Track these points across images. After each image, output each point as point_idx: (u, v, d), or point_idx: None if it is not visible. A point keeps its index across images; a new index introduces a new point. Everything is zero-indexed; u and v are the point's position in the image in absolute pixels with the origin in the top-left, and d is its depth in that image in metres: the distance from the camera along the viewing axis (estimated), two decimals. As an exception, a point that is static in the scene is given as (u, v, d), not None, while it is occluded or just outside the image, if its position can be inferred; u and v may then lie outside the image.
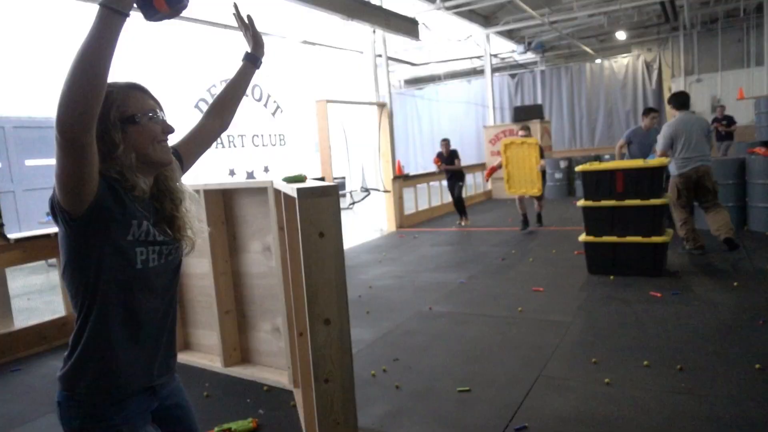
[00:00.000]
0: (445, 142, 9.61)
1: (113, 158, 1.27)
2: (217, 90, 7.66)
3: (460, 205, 9.55)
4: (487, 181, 8.33)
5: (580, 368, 3.30)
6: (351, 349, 1.69)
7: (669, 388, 2.94)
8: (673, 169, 5.70)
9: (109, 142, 1.26)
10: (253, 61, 1.70)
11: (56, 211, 1.21)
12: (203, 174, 6.98)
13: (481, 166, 13.16)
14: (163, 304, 1.40)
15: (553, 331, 3.93)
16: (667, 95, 15.14)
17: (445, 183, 12.05)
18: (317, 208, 1.60)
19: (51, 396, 1.45)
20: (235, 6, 1.70)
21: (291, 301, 2.82)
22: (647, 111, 6.96)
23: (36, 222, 8.59)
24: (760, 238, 6.33)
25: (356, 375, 2.66)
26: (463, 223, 9.52)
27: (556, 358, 3.47)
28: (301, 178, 2.09)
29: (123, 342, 1.32)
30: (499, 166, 8.39)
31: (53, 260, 6.75)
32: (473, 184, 12.96)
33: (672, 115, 5.78)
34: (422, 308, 4.79)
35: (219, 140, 7.47)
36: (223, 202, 3.70)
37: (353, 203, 12.35)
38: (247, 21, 1.68)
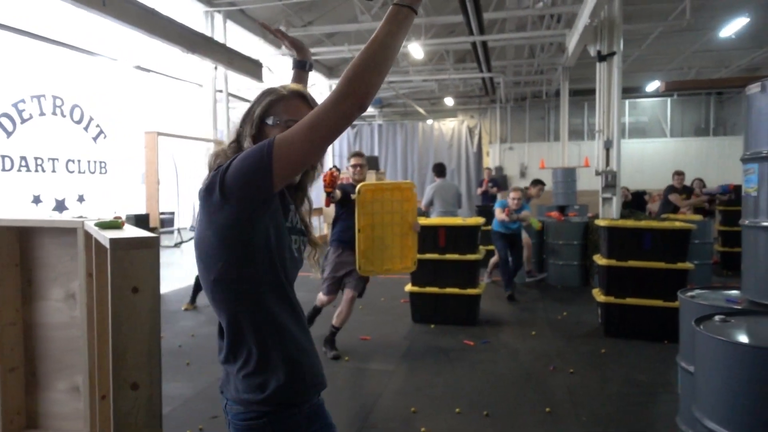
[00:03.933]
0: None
1: None
2: (26, 105, 6.76)
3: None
4: None
5: (400, 418, 3.43)
6: (161, 416, 1.54)
7: (476, 434, 3.18)
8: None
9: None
10: (302, 66, 1.73)
11: (256, 189, 1.19)
12: (-3, 202, 6.04)
13: (318, 211, 13.33)
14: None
15: (377, 381, 4.05)
16: (485, 159, 17.05)
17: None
18: (133, 260, 1.46)
19: None
20: (264, 26, 1.77)
21: (95, 357, 2.51)
22: (536, 182, 7.96)
23: None
24: (554, 291, 7.30)
25: (168, 438, 2.43)
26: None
27: (379, 408, 3.56)
28: (116, 224, 1.91)
29: (296, 331, 1.33)
30: None
31: None
32: (318, 227, 13.05)
33: (433, 180, 7.77)
34: (248, 358, 4.59)
35: (23, 162, 6.57)
36: (19, 241, 3.21)
37: (181, 242, 11.58)
38: (280, 34, 1.73)
